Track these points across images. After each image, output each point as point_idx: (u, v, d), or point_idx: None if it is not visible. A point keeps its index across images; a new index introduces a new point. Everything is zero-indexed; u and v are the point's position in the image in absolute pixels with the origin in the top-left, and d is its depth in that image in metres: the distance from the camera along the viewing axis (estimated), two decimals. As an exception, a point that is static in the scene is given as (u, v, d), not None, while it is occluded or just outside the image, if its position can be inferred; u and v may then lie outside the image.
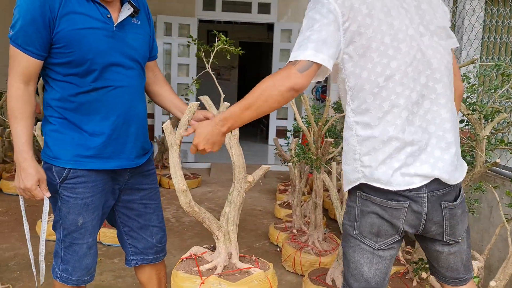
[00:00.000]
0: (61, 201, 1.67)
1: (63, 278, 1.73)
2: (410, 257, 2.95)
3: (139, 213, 1.85)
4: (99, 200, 1.72)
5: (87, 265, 1.74)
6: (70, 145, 1.65)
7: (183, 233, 3.73)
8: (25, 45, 1.54)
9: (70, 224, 1.67)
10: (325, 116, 2.60)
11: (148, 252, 1.89)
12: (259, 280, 1.69)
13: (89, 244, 1.72)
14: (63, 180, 1.64)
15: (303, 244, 3.05)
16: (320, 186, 3.01)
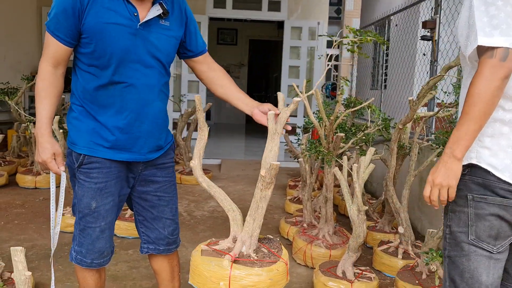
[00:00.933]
0: (77, 184, 1.78)
1: (77, 259, 1.82)
2: (419, 251, 2.99)
3: (153, 205, 1.91)
4: (114, 187, 1.79)
5: (100, 248, 1.82)
6: (86, 132, 1.75)
7: (195, 227, 3.79)
8: (56, 31, 1.66)
9: (84, 207, 1.76)
10: (336, 111, 2.65)
11: (160, 243, 1.95)
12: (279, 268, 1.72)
13: (102, 228, 1.80)
14: (79, 165, 1.75)
15: (314, 238, 3.10)
16: (331, 181, 3.06)
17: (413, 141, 2.98)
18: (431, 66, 3.78)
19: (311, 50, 8.89)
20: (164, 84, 1.85)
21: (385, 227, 3.48)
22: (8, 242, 3.24)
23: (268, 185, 1.87)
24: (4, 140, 6.11)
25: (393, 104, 5.27)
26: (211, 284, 1.68)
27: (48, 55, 1.70)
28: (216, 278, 1.67)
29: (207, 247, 1.87)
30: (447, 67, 2.31)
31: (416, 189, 3.84)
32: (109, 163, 1.76)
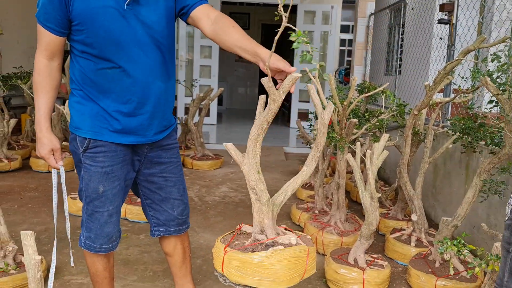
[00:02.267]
0: (83, 169, 1.76)
1: (86, 245, 1.82)
2: (433, 239, 2.95)
3: (160, 186, 1.89)
4: (120, 170, 1.78)
5: (108, 233, 1.82)
6: (89, 116, 1.73)
7: (206, 212, 3.79)
8: (46, 22, 1.64)
9: (91, 192, 1.76)
10: (350, 96, 2.59)
11: (170, 224, 1.94)
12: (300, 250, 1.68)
13: (110, 212, 1.79)
14: (85, 149, 1.73)
15: (326, 224, 3.07)
16: (344, 167, 3.02)
17: (428, 128, 2.91)
18: (448, 50, 3.68)
19: (324, 34, 8.77)
20: (164, 63, 1.76)
21: (398, 214, 3.44)
22: (21, 225, 3.27)
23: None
24: (18, 124, 6.16)
25: (408, 90, 5.17)
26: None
27: (42, 47, 1.69)
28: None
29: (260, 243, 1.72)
30: (466, 51, 2.24)
31: (430, 176, 3.78)
32: (115, 146, 1.74)
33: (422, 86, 4.83)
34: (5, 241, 2.37)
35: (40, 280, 1.47)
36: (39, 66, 1.70)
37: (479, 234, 3.01)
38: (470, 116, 2.71)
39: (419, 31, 5.04)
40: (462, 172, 3.30)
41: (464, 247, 1.79)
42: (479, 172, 2.39)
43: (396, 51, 6.17)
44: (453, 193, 3.44)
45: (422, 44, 4.91)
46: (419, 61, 4.97)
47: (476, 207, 3.00)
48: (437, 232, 2.56)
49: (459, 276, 2.41)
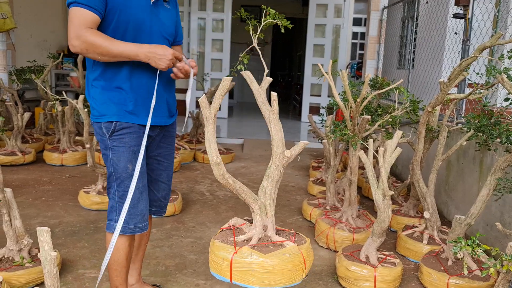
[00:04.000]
0: (111, 152, 1.86)
1: (121, 228, 1.83)
2: (445, 237, 2.93)
3: (152, 168, 2.07)
4: (143, 150, 1.86)
5: (141, 211, 1.91)
6: (113, 102, 1.85)
7: (217, 207, 3.81)
8: (88, 2, 1.71)
9: (121, 172, 1.86)
10: (363, 93, 2.57)
11: (152, 204, 2.10)
12: (292, 253, 1.71)
13: (140, 189, 1.89)
14: (111, 133, 1.84)
15: (337, 221, 3.07)
16: (356, 163, 3.00)
17: (442, 124, 2.88)
18: (463, 45, 3.63)
19: (336, 28, 8.70)
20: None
21: (410, 211, 3.42)
22: (36, 218, 3.32)
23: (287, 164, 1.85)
24: (31, 117, 6.23)
25: (421, 84, 5.12)
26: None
27: (81, 23, 1.70)
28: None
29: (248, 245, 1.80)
30: (482, 47, 2.20)
31: (443, 172, 3.75)
32: (138, 127, 1.87)
33: (435, 80, 4.77)
34: (20, 235, 2.40)
35: (56, 276, 1.49)
36: (91, 31, 1.71)
37: (492, 232, 2.99)
38: (485, 113, 2.68)
39: (433, 25, 4.97)
40: (476, 169, 3.27)
41: (478, 247, 1.77)
42: (494, 170, 2.36)
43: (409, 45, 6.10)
44: (467, 190, 3.41)
45: (436, 39, 4.85)
46: (433, 56, 4.91)
47: (489, 205, 2.97)
48: (450, 230, 2.53)
49: (472, 274, 2.39)
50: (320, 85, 8.67)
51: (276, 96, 1.87)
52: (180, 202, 3.58)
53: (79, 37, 1.71)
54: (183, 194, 4.03)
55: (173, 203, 3.49)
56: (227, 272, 1.68)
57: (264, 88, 1.90)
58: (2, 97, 5.68)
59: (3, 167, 4.61)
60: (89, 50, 1.73)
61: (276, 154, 1.90)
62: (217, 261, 1.73)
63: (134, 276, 2.27)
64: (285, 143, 1.87)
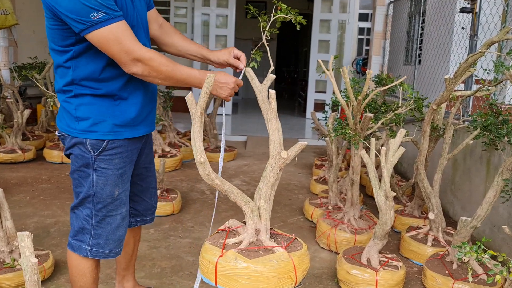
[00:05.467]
0: (96, 174, 1.65)
1: (93, 253, 1.73)
2: (450, 239, 2.84)
3: (142, 177, 1.92)
4: (129, 170, 1.75)
5: (120, 237, 1.77)
6: (106, 115, 1.62)
7: (218, 206, 3.73)
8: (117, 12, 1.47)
9: (106, 197, 1.67)
10: (365, 90, 2.48)
11: (147, 213, 2.00)
12: (280, 260, 1.63)
13: (123, 215, 1.75)
14: (100, 152, 1.64)
15: (339, 221, 2.98)
16: (358, 163, 2.91)
17: (448, 123, 2.78)
18: (470, 40, 3.51)
19: (342, 23, 8.57)
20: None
21: (414, 211, 3.33)
22: (32, 217, 3.26)
23: (284, 165, 1.77)
24: (33, 114, 6.19)
25: (427, 81, 5.00)
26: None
27: (135, 39, 1.49)
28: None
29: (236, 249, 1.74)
30: (489, 42, 2.10)
31: (449, 171, 3.65)
32: (127, 146, 1.70)
33: (442, 77, 4.65)
34: (11, 236, 2.34)
35: (37, 283, 1.42)
36: (150, 53, 1.51)
37: (499, 234, 2.89)
38: (492, 111, 2.57)
39: (440, 20, 4.85)
40: (482, 168, 3.17)
41: (484, 253, 1.68)
42: (501, 171, 2.27)
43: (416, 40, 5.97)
44: (473, 190, 3.31)
45: (443, 34, 4.72)
46: (440, 52, 4.79)
47: (496, 206, 2.87)
48: (455, 233, 2.44)
49: (478, 279, 2.30)
50: (325, 81, 8.56)
51: (274, 94, 1.79)
52: (179, 201, 3.52)
53: (139, 59, 1.48)
54: (183, 193, 3.96)
55: (172, 202, 3.42)
56: (212, 275, 1.62)
57: (266, 86, 1.81)
58: (4, 94, 5.65)
59: (3, 165, 4.58)
60: (152, 74, 1.53)
61: (272, 155, 1.82)
62: (204, 263, 1.67)
63: (131, 281, 2.19)
64: (288, 141, 1.80)
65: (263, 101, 1.77)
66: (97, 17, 1.42)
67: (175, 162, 4.70)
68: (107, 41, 1.46)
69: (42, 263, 2.34)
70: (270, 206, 1.84)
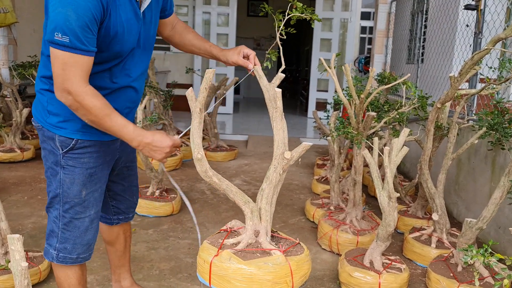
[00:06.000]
0: (63, 172, 1.59)
1: (60, 258, 1.67)
2: (455, 240, 2.78)
3: (124, 176, 1.90)
4: (102, 172, 1.68)
5: (88, 241, 1.70)
6: (76, 116, 1.54)
7: (218, 206, 3.68)
8: (83, 46, 1.39)
9: (73, 197, 1.61)
10: (367, 88, 2.42)
11: (130, 211, 2.00)
12: (276, 264, 1.58)
13: (91, 218, 1.68)
14: (68, 150, 1.58)
15: (341, 222, 2.93)
16: (360, 163, 2.85)
17: (452, 122, 2.73)
18: (475, 38, 3.45)
19: (344, 22, 8.51)
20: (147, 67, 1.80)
21: (417, 212, 3.27)
22: (30, 218, 3.22)
23: (287, 164, 1.72)
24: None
25: (430, 79, 4.94)
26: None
27: (81, 76, 1.41)
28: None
29: (232, 249, 1.72)
30: (496, 39, 2.04)
31: (453, 171, 3.59)
32: (99, 146, 1.64)
33: (445, 75, 4.59)
34: (6, 238, 2.30)
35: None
36: (92, 93, 1.43)
37: (505, 235, 2.83)
38: (498, 110, 2.52)
39: (444, 18, 4.78)
40: (487, 168, 3.11)
41: (491, 256, 1.63)
42: (508, 172, 2.21)
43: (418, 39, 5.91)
44: (478, 190, 3.25)
45: (447, 32, 4.66)
46: (443, 50, 4.73)
47: (502, 207, 2.81)
48: (460, 235, 2.38)
49: (483, 281, 2.24)
50: (327, 80, 8.50)
51: (280, 92, 1.74)
52: (178, 202, 3.46)
53: (72, 93, 1.40)
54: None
55: (171, 203, 3.37)
56: (207, 275, 1.59)
57: (275, 85, 1.76)
58: (3, 92, 5.60)
59: (1, 164, 4.54)
60: (78, 111, 1.44)
61: (276, 155, 1.78)
62: (200, 262, 1.64)
63: (127, 278, 2.16)
64: (289, 140, 1.76)
65: (270, 100, 1.72)
66: (59, 38, 1.36)
67: (175, 161, 4.65)
68: (54, 60, 1.40)
69: (37, 264, 2.29)
70: (272, 208, 1.80)
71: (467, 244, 2.31)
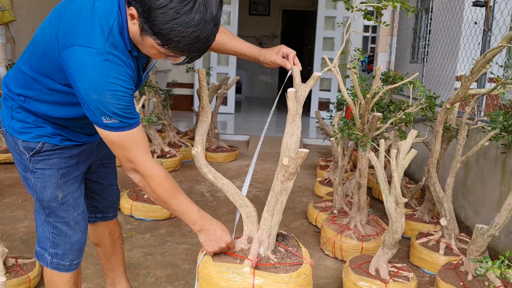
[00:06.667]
0: (33, 176, 1.49)
1: (53, 264, 1.59)
2: (464, 246, 2.67)
3: (101, 175, 1.79)
4: (76, 171, 1.57)
5: (79, 245, 1.62)
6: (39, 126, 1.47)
7: (217, 209, 3.57)
8: (133, 121, 1.32)
9: (49, 201, 1.51)
10: (374, 88, 2.31)
11: (109, 210, 1.89)
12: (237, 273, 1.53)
13: (76, 220, 1.58)
14: (35, 153, 1.47)
15: (344, 227, 2.81)
16: (365, 165, 2.74)
17: (462, 123, 2.61)
18: (484, 36, 3.33)
19: (347, 20, 8.38)
20: None
21: (424, 216, 3.15)
22: (23, 221, 3.11)
23: (291, 175, 1.63)
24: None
25: (435, 79, 4.82)
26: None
27: (146, 149, 1.38)
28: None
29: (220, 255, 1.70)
30: (510, 36, 1.93)
31: (461, 173, 3.47)
32: (70, 147, 1.54)
33: (450, 74, 4.47)
34: (-6, 244, 2.19)
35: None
36: (159, 170, 1.39)
37: (516, 241, 2.72)
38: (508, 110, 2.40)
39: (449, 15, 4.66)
40: (497, 171, 2.99)
41: (509, 268, 1.52)
42: (522, 176, 2.09)
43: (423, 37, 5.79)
44: (487, 193, 3.13)
45: (452, 30, 4.54)
46: (448, 48, 4.61)
47: (513, 212, 2.69)
48: (470, 242, 2.27)
49: (495, 291, 2.13)
50: (330, 79, 8.37)
51: (294, 92, 1.61)
52: (177, 205, 3.35)
53: (138, 171, 1.37)
54: (181, 195, 3.80)
55: (169, 206, 3.26)
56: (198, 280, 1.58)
57: (309, 86, 1.65)
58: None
59: (-3, 165, 4.44)
60: (146, 190, 1.41)
61: (279, 162, 1.69)
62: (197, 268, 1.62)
63: (122, 283, 2.05)
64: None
65: (293, 100, 1.61)
66: (108, 121, 1.28)
67: (175, 162, 4.54)
68: (112, 143, 1.34)
69: (27, 272, 2.18)
70: (274, 218, 1.69)
71: (478, 251, 2.20)
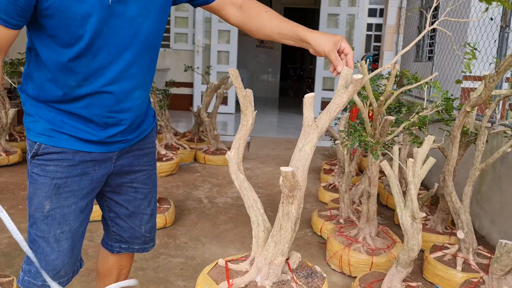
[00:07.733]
0: (29, 181, 1.36)
1: (25, 282, 1.39)
2: (483, 261, 2.45)
3: (128, 199, 1.55)
4: (76, 185, 1.37)
5: (55, 265, 1.38)
6: (41, 117, 1.33)
7: (215, 217, 3.36)
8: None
9: (35, 210, 1.34)
10: (388, 89, 2.09)
11: (135, 242, 1.64)
12: None
13: (57, 238, 1.36)
14: (34, 155, 1.33)
15: (352, 240, 2.60)
16: (375, 173, 2.52)
17: (481, 127, 2.39)
18: (501, 32, 3.11)
19: (350, 18, 8.16)
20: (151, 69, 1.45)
21: (437, 226, 2.94)
22: (6, 231, 2.89)
23: (288, 199, 1.43)
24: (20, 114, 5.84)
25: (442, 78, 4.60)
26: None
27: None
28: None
29: (225, 263, 1.61)
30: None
31: (475, 180, 3.25)
32: (72, 154, 1.34)
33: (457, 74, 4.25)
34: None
35: None
36: None
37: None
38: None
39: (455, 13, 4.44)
40: (517, 178, 2.77)
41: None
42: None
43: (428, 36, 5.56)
44: (505, 202, 2.91)
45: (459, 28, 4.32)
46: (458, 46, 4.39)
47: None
48: (493, 259, 2.05)
49: (522, 316, 1.92)
50: (333, 79, 8.16)
51: (311, 100, 1.45)
52: (172, 213, 3.14)
53: None
54: (178, 202, 3.59)
55: (164, 214, 3.05)
56: None
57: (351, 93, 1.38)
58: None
59: (-16, 169, 4.23)
60: None
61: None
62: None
63: None
64: (293, 141, 1.47)
65: (309, 108, 1.48)
66: None
67: (171, 166, 4.33)
68: None
69: (3, 293, 1.98)
70: (277, 246, 1.50)
71: (503, 271, 1.99)
